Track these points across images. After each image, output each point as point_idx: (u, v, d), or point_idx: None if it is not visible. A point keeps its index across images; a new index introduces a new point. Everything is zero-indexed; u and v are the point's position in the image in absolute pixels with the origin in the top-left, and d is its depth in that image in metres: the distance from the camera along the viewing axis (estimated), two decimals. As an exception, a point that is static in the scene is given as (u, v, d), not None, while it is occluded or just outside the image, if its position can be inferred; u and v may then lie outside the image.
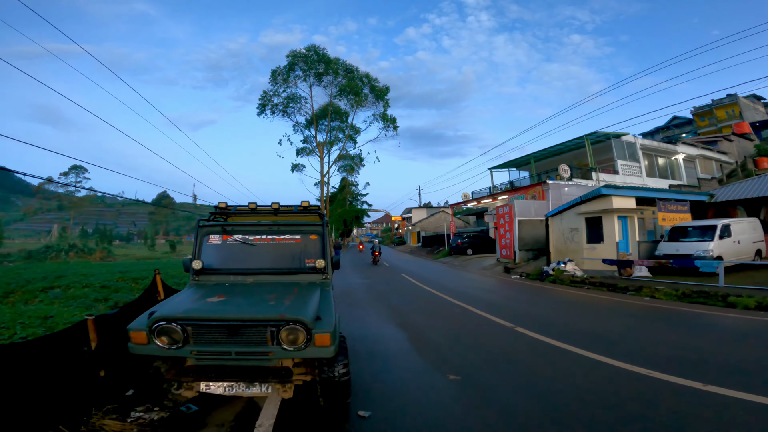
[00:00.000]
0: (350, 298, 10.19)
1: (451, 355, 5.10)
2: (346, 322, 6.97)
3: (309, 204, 4.36)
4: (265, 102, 28.67)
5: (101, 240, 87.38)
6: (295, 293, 3.39)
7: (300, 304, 3.06)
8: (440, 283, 13.44)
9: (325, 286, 3.77)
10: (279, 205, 4.33)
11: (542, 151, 27.88)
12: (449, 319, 7.39)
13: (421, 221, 50.86)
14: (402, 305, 9.05)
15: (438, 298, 10.15)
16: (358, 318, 7.59)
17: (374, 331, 6.52)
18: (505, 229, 18.52)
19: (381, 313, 8.07)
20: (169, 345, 2.84)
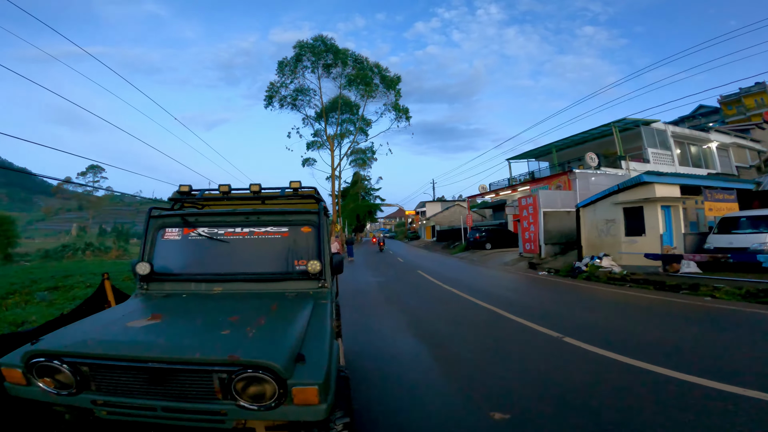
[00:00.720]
0: (360, 299, 9.08)
1: (490, 379, 3.93)
2: (354, 333, 5.87)
3: (301, 185, 3.25)
4: (273, 94, 27.63)
5: (118, 238, 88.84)
6: (271, 313, 2.29)
7: (270, 336, 1.96)
8: (461, 281, 12.24)
9: (320, 299, 2.66)
10: (260, 187, 3.19)
11: (564, 141, 26.27)
12: (479, 328, 6.20)
13: (436, 215, 49.51)
14: (420, 309, 7.90)
15: (460, 299, 8.97)
16: (369, 327, 6.47)
17: (388, 344, 5.38)
18: (529, 222, 17.15)
19: (396, 320, 6.94)
20: (58, 390, 1.80)
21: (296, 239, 2.92)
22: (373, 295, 9.76)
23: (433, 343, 5.32)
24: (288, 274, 2.81)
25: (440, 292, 10.01)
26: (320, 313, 2.38)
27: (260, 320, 2.12)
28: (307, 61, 27.72)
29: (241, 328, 2.01)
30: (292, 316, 2.25)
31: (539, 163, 31.84)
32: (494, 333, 5.83)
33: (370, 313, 7.50)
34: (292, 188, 3.22)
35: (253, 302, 2.51)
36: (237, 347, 1.77)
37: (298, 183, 3.20)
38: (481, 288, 10.56)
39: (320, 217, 2.96)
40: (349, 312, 7.39)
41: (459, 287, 10.60)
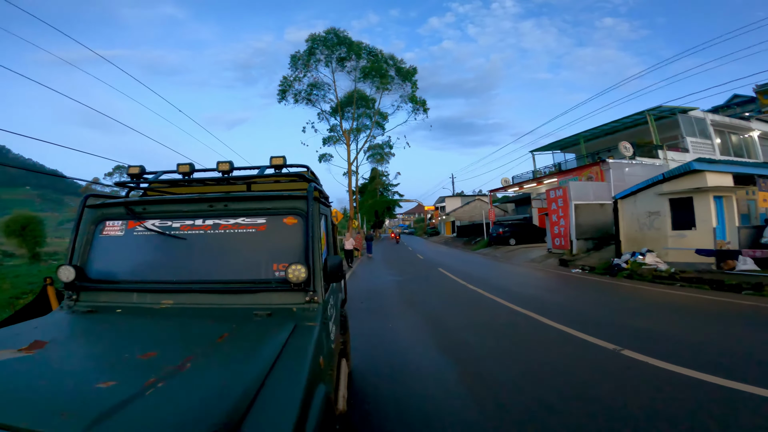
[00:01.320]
0: (377, 302, 8.26)
1: (542, 412, 3.03)
2: (368, 346, 5.05)
3: (285, 161, 2.44)
4: (286, 88, 27.01)
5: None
6: (213, 347, 1.49)
7: (182, 395, 1.13)
8: (486, 279, 11.26)
9: (305, 321, 1.84)
10: (232, 165, 2.38)
11: (592, 131, 24.72)
12: (515, 338, 5.27)
13: (456, 210, 48.23)
14: (444, 314, 7.00)
15: (489, 301, 8.02)
16: (384, 337, 5.63)
17: (408, 360, 4.53)
18: (558, 216, 15.93)
19: (416, 328, 6.07)
20: None
21: (276, 234, 2.11)
22: (391, 296, 8.92)
23: (461, 358, 4.44)
24: (263, 283, 2.01)
25: (465, 293, 9.08)
26: (299, 346, 1.55)
27: (186, 361, 1.30)
28: (320, 54, 27.00)
29: (143, 375, 1.20)
30: (246, 352, 1.44)
31: (565, 155, 30.26)
32: (535, 345, 4.89)
33: (386, 319, 6.66)
34: (273, 166, 2.39)
35: (201, 326, 1.71)
36: (98, 422, 0.96)
37: (281, 159, 2.37)
38: (510, 288, 9.57)
39: (310, 203, 2.14)
40: (362, 318, 6.58)
41: (485, 287, 9.64)
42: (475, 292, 9.17)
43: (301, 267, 1.87)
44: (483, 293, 8.87)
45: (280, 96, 27.18)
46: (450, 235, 50.19)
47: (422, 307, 7.60)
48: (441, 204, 60.64)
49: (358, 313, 7.07)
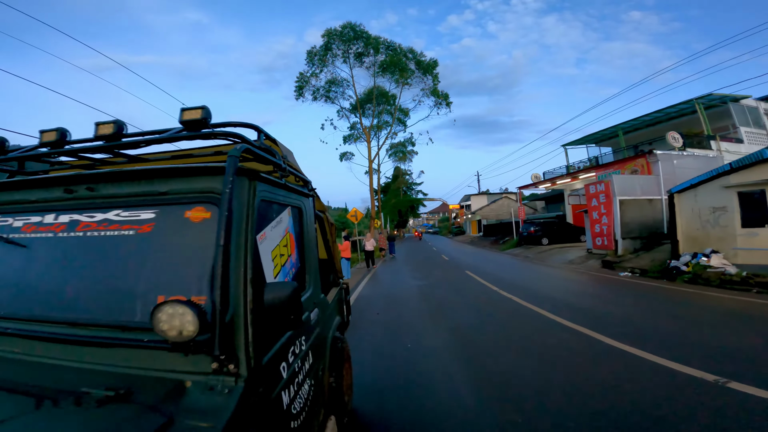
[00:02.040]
0: (394, 312, 7.26)
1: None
2: (375, 378, 4.07)
3: (205, 116, 1.38)
4: (302, 84, 26.31)
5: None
6: None
7: None
8: (521, 285, 10.05)
9: (196, 421, 0.89)
10: (123, 126, 1.39)
11: (632, 122, 22.86)
12: (576, 368, 4.12)
13: (482, 209, 46.53)
14: (475, 330, 5.92)
15: (529, 313, 6.88)
16: (399, 362, 4.63)
17: (431, 402, 3.52)
18: (600, 213, 14.42)
19: (442, 351, 5.01)
20: None
21: (172, 239, 1.18)
22: (412, 305, 7.90)
23: (505, 398, 3.39)
24: (133, 331, 1.07)
25: (499, 302, 7.95)
26: None
27: None
28: (337, 50, 26.19)
29: None
30: None
31: (600, 149, 28.26)
32: (604, 376, 3.77)
33: (405, 336, 5.64)
34: (182, 124, 1.40)
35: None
36: None
37: (198, 111, 1.37)
38: (551, 295, 8.36)
39: (231, 180, 1.14)
40: (375, 335, 5.61)
41: (521, 294, 8.47)
42: (511, 300, 8.02)
43: (184, 310, 0.92)
44: (520, 302, 7.72)
45: (297, 93, 26.55)
46: (476, 235, 48.51)
47: (448, 320, 6.54)
48: (466, 202, 58.91)
49: (372, 327, 6.11)
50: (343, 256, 12.91)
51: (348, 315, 3.69)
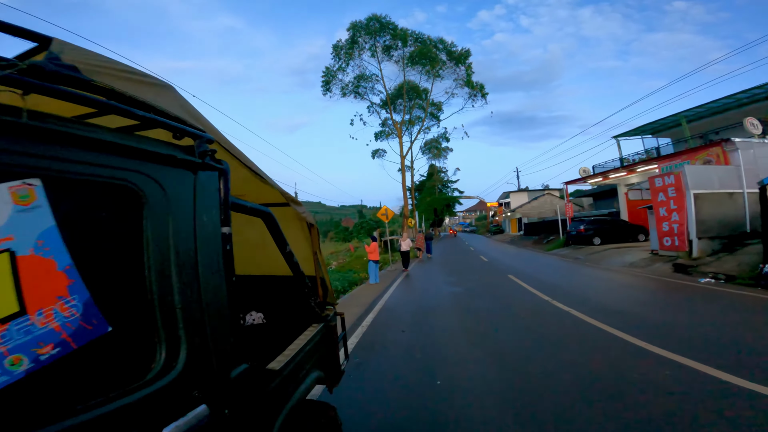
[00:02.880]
0: (423, 329, 6.04)
1: None
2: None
3: None
4: (329, 78, 25.53)
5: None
6: None
7: None
8: (578, 294, 8.48)
9: None
10: None
11: (695, 110, 20.07)
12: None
13: (522, 206, 43.94)
14: (529, 359, 4.57)
15: (598, 332, 5.42)
16: (433, 407, 3.43)
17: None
18: (669, 209, 12.36)
19: (488, 387, 3.77)
20: None
21: None
22: (446, 320, 6.63)
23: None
24: None
25: (553, 316, 6.52)
26: None
27: None
28: (364, 43, 25.17)
29: None
30: None
31: (657, 140, 25.32)
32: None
33: (436, 368, 4.40)
34: None
35: None
36: None
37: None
38: (619, 308, 6.80)
39: None
40: (397, 365, 4.42)
41: (581, 306, 6.96)
42: (568, 314, 6.56)
43: None
44: (580, 316, 6.25)
45: (324, 88, 25.86)
46: (516, 234, 45.94)
47: (490, 342, 5.24)
48: (505, 200, 56.17)
49: (393, 348, 4.97)
50: (371, 259, 11.88)
51: (344, 360, 2.57)
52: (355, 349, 5.05)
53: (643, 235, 20.08)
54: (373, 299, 8.91)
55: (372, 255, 11.97)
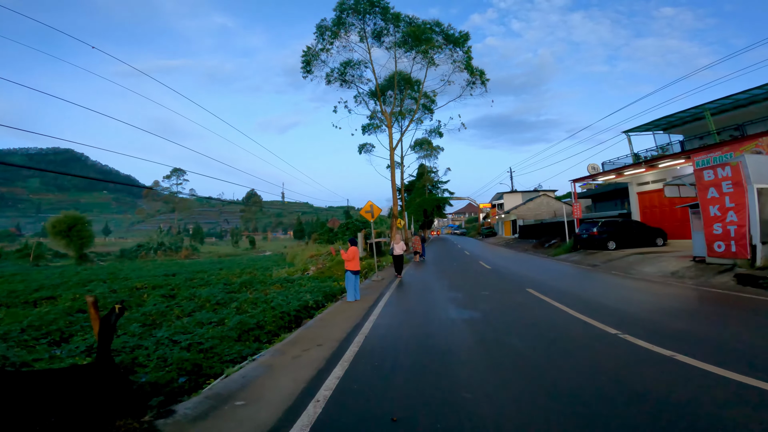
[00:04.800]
0: (434, 412, 3.42)
1: None
2: None
3: None
4: (309, 58, 22.57)
5: (193, 238, 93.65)
6: None
7: None
8: (643, 318, 5.94)
9: None
10: None
11: (720, 101, 18.05)
12: None
13: (517, 208, 41.82)
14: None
15: (722, 382, 2.84)
16: None
17: None
18: (724, 207, 10.02)
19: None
20: None
21: None
22: (471, 382, 3.97)
23: None
24: None
25: (640, 361, 3.92)
26: None
27: None
28: (351, 25, 22.39)
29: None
30: None
31: (670, 136, 23.35)
32: None
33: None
34: None
35: None
36: None
37: None
38: (713, 338, 4.29)
39: None
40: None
41: (663, 340, 4.39)
42: (657, 355, 3.97)
43: None
44: (682, 359, 3.69)
45: (304, 69, 22.90)
46: (510, 236, 43.84)
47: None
48: (498, 201, 54.10)
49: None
50: (349, 269, 9.10)
51: None
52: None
53: (661, 239, 17.93)
54: (347, 330, 6.14)
55: (350, 263, 9.10)
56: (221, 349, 6.58)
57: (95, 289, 15.27)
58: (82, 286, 17.33)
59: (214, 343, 6.70)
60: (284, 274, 17.81)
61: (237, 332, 7.52)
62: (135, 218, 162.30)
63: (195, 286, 15.05)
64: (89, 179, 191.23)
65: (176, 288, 14.60)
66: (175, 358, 6.07)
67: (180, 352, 6.44)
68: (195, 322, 8.54)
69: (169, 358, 6.13)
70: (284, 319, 8.41)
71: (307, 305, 9.36)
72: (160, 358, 6.25)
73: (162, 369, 6.01)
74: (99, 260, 44.75)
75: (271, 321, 8.17)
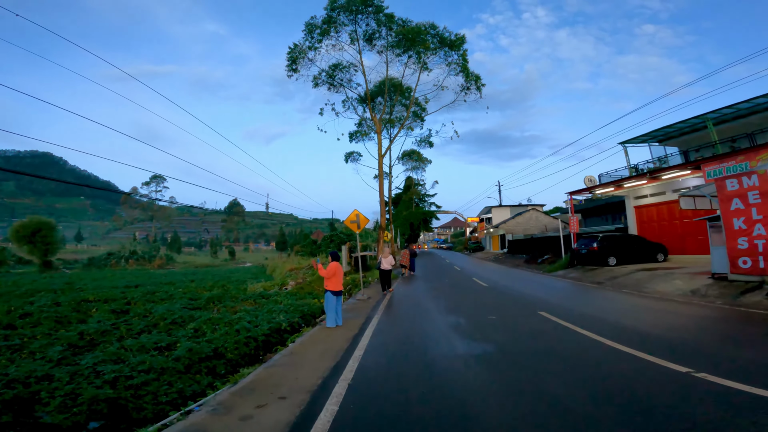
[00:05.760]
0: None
1: None
2: None
3: None
4: (295, 56, 21.34)
5: (170, 248, 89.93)
6: None
7: None
8: (692, 346, 4.70)
9: None
10: None
11: (721, 111, 17.53)
12: None
13: (506, 222, 41.05)
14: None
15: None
16: None
17: None
18: (751, 219, 9.05)
19: None
20: None
21: None
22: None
23: None
24: None
25: (728, 406, 2.64)
26: None
27: None
28: (342, 25, 21.34)
29: None
30: None
31: (665, 148, 22.92)
32: None
33: None
34: None
35: None
36: None
37: None
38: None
39: None
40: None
41: (746, 376, 3.14)
42: (759, 398, 2.70)
43: None
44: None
45: (289, 68, 21.59)
46: (499, 251, 42.92)
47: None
48: (487, 215, 53.38)
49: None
50: (329, 288, 7.39)
51: None
52: None
53: (662, 255, 17.07)
54: (324, 372, 4.63)
55: (330, 282, 7.34)
56: (157, 386, 5.04)
57: (39, 301, 13.30)
58: (28, 297, 15.30)
59: (148, 378, 5.15)
60: (260, 288, 16.13)
61: (186, 362, 5.97)
62: (112, 225, 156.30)
63: (155, 300, 13.25)
64: (66, 183, 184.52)
65: (133, 302, 12.79)
66: (87, 395, 4.53)
67: (100, 387, 4.90)
68: (138, 346, 6.93)
69: (84, 394, 4.60)
70: (249, 345, 6.88)
71: (280, 328, 7.83)
72: (68, 395, 4.71)
73: (69, 409, 4.47)
74: (65, 268, 41.81)
75: (233, 348, 6.64)
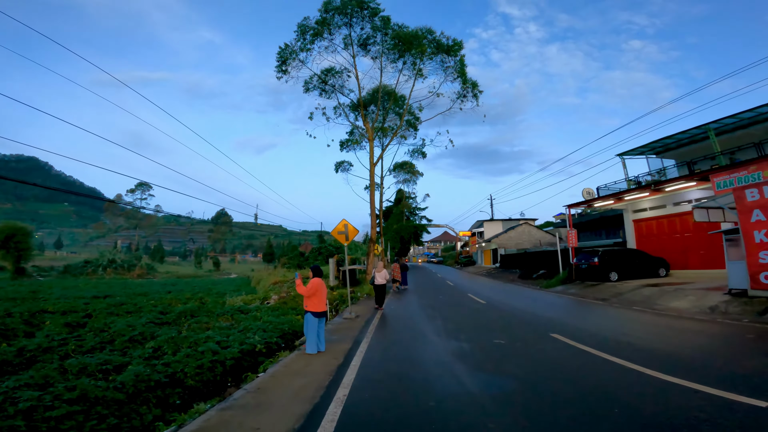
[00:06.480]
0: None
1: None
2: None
3: None
4: (286, 56, 20.50)
5: (153, 257, 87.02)
6: None
7: None
8: (747, 374, 3.81)
9: None
10: None
11: (722, 121, 17.16)
12: None
13: (498, 236, 40.38)
14: None
15: None
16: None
17: None
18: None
19: None
20: None
21: None
22: None
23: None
24: None
25: None
26: None
27: None
28: (336, 28, 20.70)
29: None
30: None
31: (662, 161, 22.59)
32: None
33: None
34: None
35: None
36: None
37: None
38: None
39: None
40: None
41: None
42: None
43: None
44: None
45: (279, 68, 20.74)
46: (491, 266, 42.10)
47: None
48: (478, 229, 52.74)
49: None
50: (309, 309, 6.30)
51: None
52: None
53: (664, 270, 16.43)
54: (295, 421, 3.57)
55: (311, 301, 6.29)
56: (82, 420, 3.93)
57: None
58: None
59: (72, 410, 4.04)
60: (240, 302, 14.88)
61: (130, 390, 4.84)
62: (95, 233, 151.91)
63: (120, 312, 11.93)
64: (49, 189, 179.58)
65: (94, 314, 11.47)
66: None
67: (12, 416, 3.80)
68: (79, 367, 5.77)
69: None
70: (215, 370, 5.76)
71: (254, 349, 6.72)
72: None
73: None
74: (39, 275, 39.61)
75: (194, 373, 5.52)
